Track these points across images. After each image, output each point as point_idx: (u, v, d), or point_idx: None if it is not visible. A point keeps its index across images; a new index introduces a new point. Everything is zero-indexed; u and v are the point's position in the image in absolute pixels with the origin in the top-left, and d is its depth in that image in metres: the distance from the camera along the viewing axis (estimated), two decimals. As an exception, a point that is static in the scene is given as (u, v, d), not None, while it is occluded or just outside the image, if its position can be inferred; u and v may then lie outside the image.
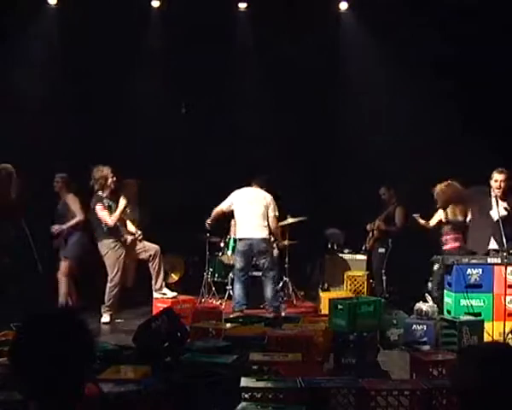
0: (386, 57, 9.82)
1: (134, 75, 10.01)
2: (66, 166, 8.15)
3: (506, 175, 6.93)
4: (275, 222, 7.94)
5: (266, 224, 7.84)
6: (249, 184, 8.06)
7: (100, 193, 7.65)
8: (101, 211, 7.55)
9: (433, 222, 7.76)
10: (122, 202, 7.65)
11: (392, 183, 9.05)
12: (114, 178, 7.70)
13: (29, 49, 9.49)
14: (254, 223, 7.80)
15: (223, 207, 8.09)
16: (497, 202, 6.77)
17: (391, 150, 9.37)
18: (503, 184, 6.89)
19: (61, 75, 9.54)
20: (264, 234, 7.84)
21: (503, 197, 6.92)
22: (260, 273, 8.12)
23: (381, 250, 9.03)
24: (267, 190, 8.02)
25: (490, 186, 6.97)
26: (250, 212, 7.84)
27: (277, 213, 7.96)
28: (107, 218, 7.53)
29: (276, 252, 8.45)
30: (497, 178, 6.91)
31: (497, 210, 6.74)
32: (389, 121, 9.75)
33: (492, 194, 6.92)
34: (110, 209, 7.63)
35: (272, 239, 8.14)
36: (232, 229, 9.70)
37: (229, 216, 8.36)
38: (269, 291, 7.88)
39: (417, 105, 9.65)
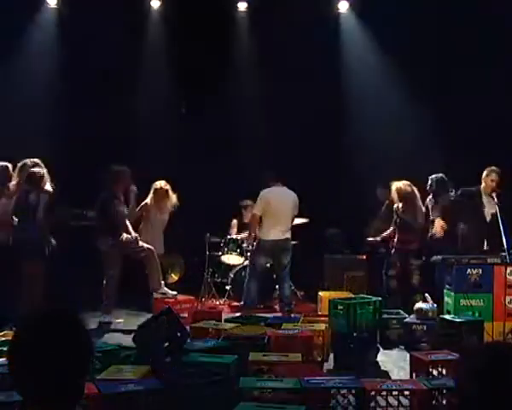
0: (386, 57, 9.81)
1: (134, 75, 10.00)
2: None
3: (499, 175, 7.07)
4: (292, 221, 8.04)
5: (291, 224, 7.94)
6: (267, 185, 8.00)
7: (111, 188, 7.77)
8: (117, 205, 7.70)
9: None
10: (133, 196, 7.84)
11: (388, 183, 9.03)
12: (128, 180, 7.83)
13: (29, 48, 9.49)
14: (283, 224, 7.82)
15: (258, 212, 7.88)
16: (492, 198, 6.90)
17: (391, 151, 9.36)
18: (497, 185, 7.06)
19: (61, 75, 9.53)
20: (289, 234, 7.91)
21: (496, 195, 7.03)
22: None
23: (381, 250, 9.03)
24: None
25: (479, 184, 7.15)
26: (281, 212, 7.82)
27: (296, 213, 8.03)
28: (125, 209, 7.77)
29: None
30: (494, 178, 7.07)
31: (492, 209, 6.86)
32: (389, 122, 9.74)
33: (483, 192, 7.05)
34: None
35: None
36: (232, 228, 9.72)
37: (229, 213, 8.36)
38: (287, 289, 7.98)
39: (417, 105, 9.64)
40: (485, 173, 7.37)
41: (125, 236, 7.77)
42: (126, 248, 7.75)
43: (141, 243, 7.89)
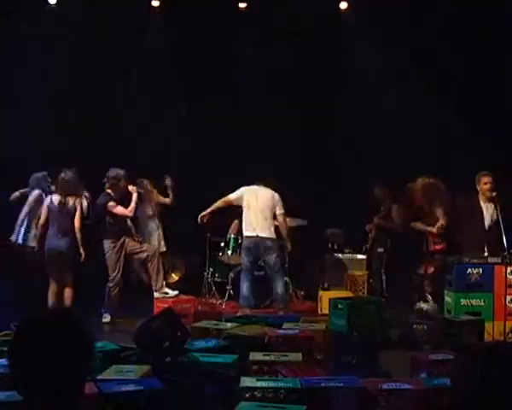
0: (386, 57, 9.82)
1: (134, 75, 10.01)
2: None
3: (492, 177, 7.00)
4: (283, 219, 7.98)
5: (272, 223, 7.88)
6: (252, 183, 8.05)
7: (109, 191, 7.74)
8: (115, 207, 7.65)
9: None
10: (134, 195, 7.80)
11: (387, 182, 9.03)
12: (126, 183, 7.81)
13: (29, 49, 9.49)
14: (261, 221, 7.82)
15: (231, 197, 8.04)
16: (491, 202, 6.83)
17: (390, 150, 9.37)
18: (492, 186, 6.96)
19: (61, 75, 9.53)
20: (270, 233, 7.88)
21: (493, 201, 6.95)
22: (262, 273, 8.18)
23: (380, 250, 9.03)
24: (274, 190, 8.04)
25: (477, 192, 7.02)
26: (257, 210, 7.85)
27: (283, 211, 7.97)
28: (124, 211, 7.71)
29: (288, 246, 8.30)
30: (487, 181, 6.97)
31: (490, 215, 6.81)
32: (388, 121, 9.75)
33: (481, 199, 6.96)
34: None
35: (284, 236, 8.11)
36: (232, 228, 9.72)
37: (229, 213, 8.35)
38: (279, 288, 7.95)
39: (416, 105, 9.65)
40: (477, 180, 7.16)
41: (125, 238, 7.77)
42: (127, 250, 7.76)
43: (142, 244, 7.91)
